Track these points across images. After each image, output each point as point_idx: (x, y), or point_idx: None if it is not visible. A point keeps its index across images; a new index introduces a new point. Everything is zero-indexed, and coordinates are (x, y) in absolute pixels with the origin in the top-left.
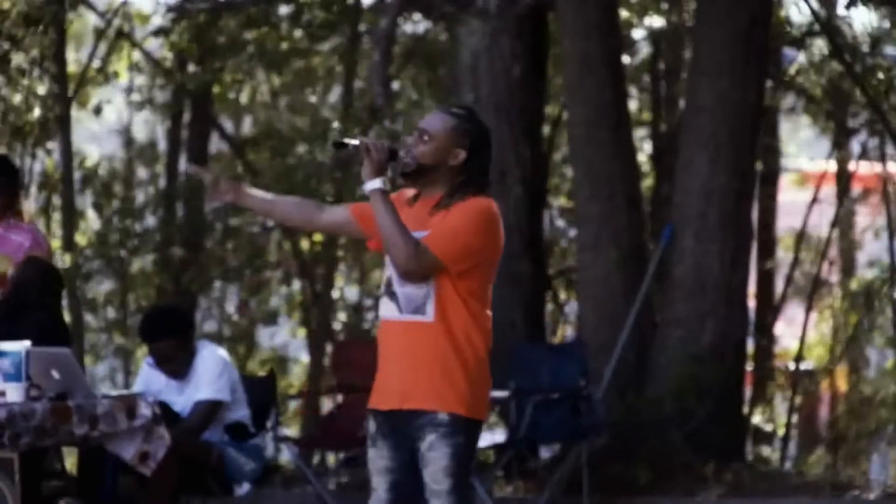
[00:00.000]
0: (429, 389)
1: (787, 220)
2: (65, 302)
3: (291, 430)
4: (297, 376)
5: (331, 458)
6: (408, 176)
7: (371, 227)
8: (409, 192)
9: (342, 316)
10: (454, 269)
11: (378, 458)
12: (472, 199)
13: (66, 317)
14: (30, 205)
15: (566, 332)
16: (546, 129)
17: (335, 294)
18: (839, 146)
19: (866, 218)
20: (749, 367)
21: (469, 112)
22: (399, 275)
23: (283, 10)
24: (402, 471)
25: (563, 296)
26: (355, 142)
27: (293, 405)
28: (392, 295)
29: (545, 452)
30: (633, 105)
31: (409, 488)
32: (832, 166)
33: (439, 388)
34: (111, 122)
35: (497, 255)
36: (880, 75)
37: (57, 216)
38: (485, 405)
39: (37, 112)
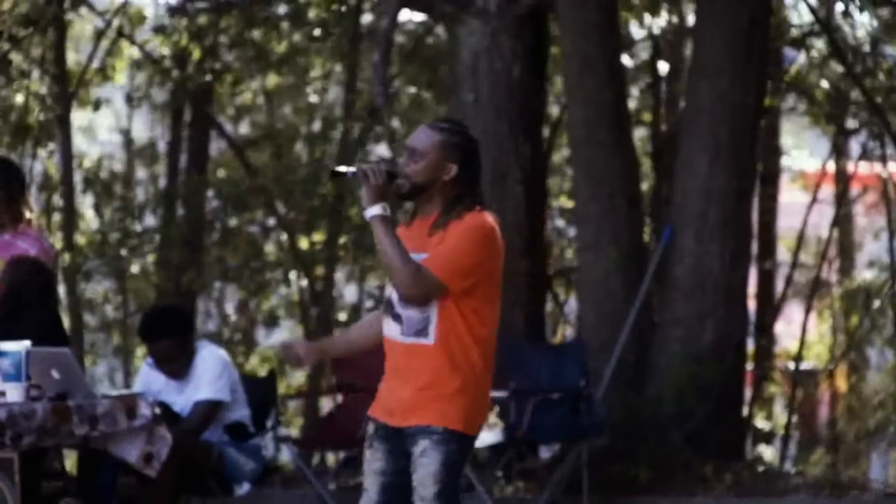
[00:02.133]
0: (427, 409)
1: (787, 220)
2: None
3: (291, 430)
4: (297, 376)
5: (331, 458)
6: (405, 197)
7: None
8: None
9: (342, 316)
10: (456, 289)
11: (373, 461)
12: (467, 215)
13: (65, 317)
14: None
15: (566, 332)
16: (546, 130)
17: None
18: (839, 147)
19: (866, 218)
20: (749, 367)
21: (456, 124)
22: (401, 299)
23: (283, 10)
24: (394, 475)
25: (563, 296)
26: (352, 169)
27: (293, 405)
28: (396, 317)
29: (545, 452)
30: (633, 105)
31: (400, 493)
32: (832, 166)
33: (437, 407)
34: (111, 122)
35: (497, 268)
36: (880, 76)
37: (57, 216)
38: (481, 419)
39: (37, 112)
